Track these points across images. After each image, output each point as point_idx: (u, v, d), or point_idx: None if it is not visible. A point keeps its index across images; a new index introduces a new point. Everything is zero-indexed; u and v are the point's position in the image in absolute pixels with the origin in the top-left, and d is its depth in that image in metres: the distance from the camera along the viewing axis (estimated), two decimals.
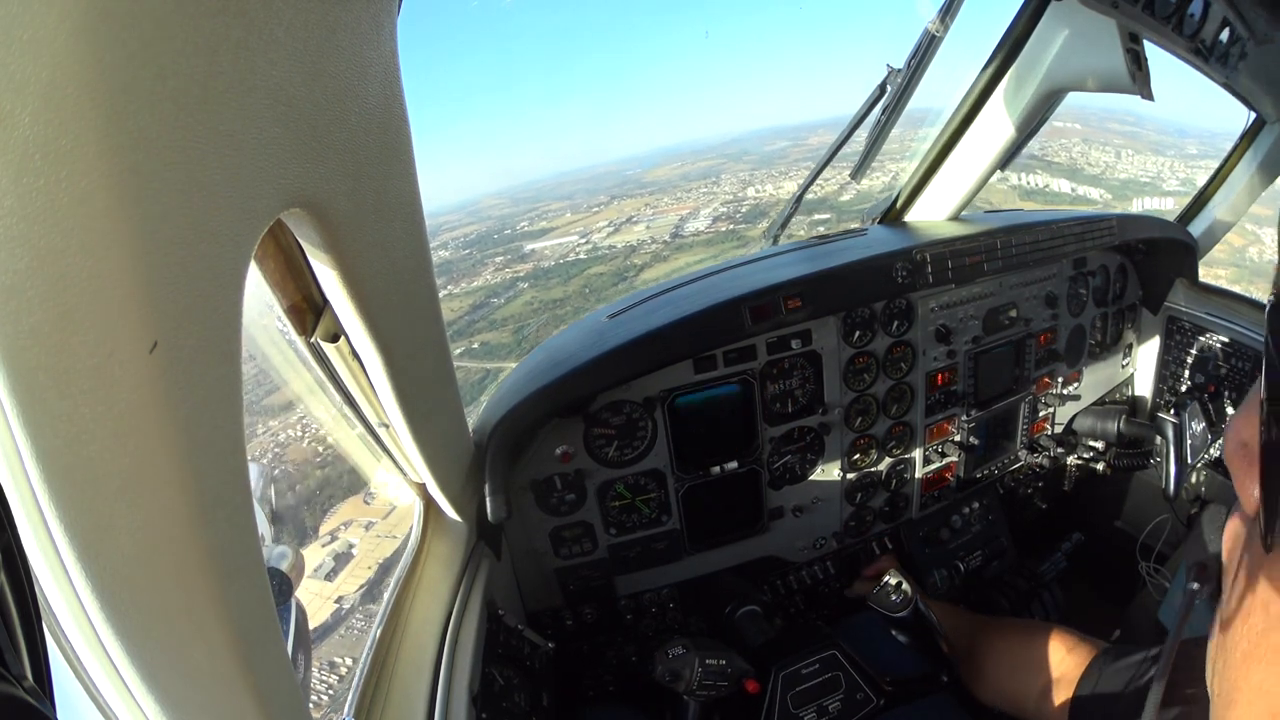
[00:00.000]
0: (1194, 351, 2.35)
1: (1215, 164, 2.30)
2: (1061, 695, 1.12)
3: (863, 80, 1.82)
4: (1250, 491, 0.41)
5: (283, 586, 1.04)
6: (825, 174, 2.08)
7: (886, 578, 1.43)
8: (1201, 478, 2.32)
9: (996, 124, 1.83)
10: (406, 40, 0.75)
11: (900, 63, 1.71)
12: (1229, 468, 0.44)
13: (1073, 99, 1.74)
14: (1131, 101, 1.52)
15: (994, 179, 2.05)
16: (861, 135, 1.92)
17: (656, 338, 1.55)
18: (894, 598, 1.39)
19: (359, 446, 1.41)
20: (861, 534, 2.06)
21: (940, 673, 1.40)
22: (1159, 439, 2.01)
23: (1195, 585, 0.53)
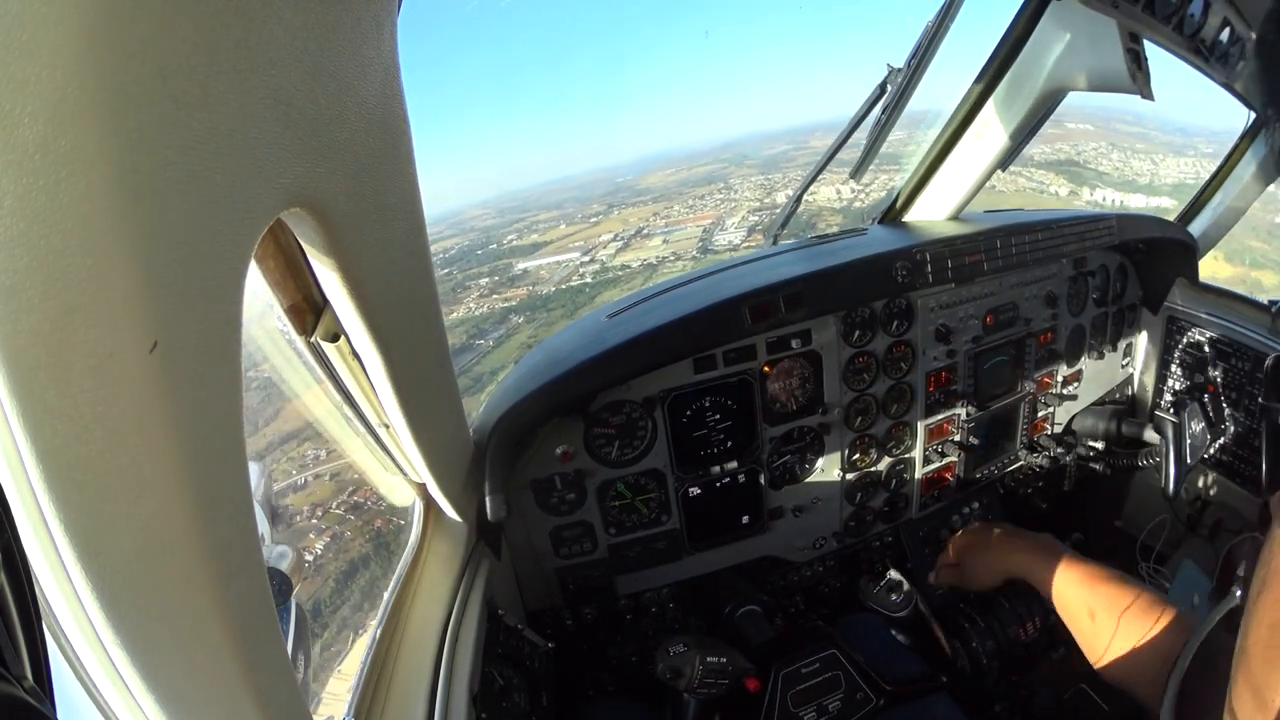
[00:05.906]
0: (1194, 351, 2.34)
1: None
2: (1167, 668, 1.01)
3: (861, 83, 1.82)
4: None
5: (283, 586, 1.04)
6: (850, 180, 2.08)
7: (886, 576, 1.43)
8: (1210, 479, 2.32)
9: (996, 124, 1.83)
10: (402, 40, 0.75)
11: (900, 62, 1.71)
12: None
13: (1071, 98, 1.74)
14: (1130, 101, 1.52)
15: (1064, 192, 2.05)
16: (862, 136, 1.92)
17: (656, 337, 1.55)
18: (894, 597, 1.39)
19: (358, 446, 1.41)
20: (861, 534, 2.06)
21: (939, 673, 1.41)
22: (1159, 439, 2.01)
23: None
